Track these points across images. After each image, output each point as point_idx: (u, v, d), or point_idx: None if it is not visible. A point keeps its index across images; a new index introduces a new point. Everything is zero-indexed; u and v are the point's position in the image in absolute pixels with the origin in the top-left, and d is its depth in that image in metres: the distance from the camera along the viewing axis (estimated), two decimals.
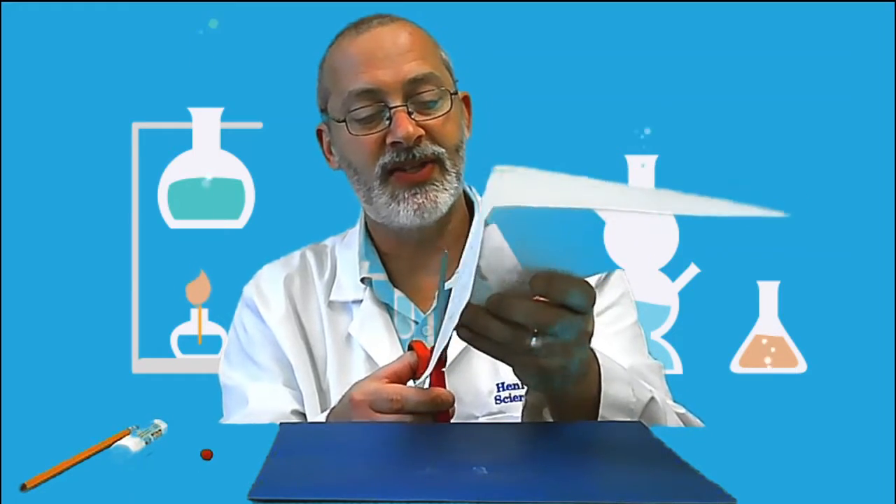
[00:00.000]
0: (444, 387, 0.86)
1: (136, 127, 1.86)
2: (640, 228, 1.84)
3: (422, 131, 1.05)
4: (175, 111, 1.86)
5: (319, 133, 1.16)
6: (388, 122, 1.05)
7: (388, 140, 1.05)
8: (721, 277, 1.84)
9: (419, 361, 0.85)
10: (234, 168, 1.88)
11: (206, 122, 1.87)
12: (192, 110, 1.86)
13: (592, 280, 1.10)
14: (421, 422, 0.84)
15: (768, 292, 1.84)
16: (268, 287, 1.16)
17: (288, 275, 1.17)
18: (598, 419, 0.88)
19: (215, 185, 1.88)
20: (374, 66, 1.06)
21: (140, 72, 1.85)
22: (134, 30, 1.85)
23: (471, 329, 0.78)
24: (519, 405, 1.05)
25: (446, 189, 1.07)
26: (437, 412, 0.85)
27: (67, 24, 1.85)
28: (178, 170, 1.88)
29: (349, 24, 1.12)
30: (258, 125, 1.85)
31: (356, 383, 0.89)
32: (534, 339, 0.77)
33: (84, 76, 1.85)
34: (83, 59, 1.85)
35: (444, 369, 0.87)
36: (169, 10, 1.85)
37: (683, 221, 1.85)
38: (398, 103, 1.05)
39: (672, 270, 1.86)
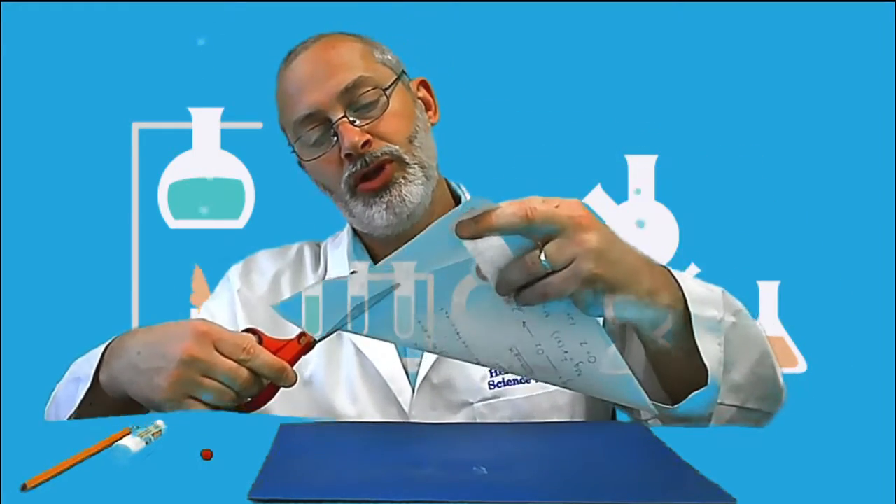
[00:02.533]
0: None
1: (136, 127, 1.86)
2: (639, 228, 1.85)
3: (368, 136, 1.08)
4: (175, 111, 1.86)
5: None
6: (336, 138, 1.08)
7: (342, 155, 1.08)
8: (721, 277, 1.83)
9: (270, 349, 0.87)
10: (234, 168, 1.88)
11: (206, 122, 1.86)
12: (192, 110, 1.86)
13: None
14: (237, 400, 0.86)
15: (768, 292, 1.84)
16: (256, 277, 1.20)
17: (279, 269, 1.20)
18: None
19: (215, 185, 1.88)
20: (307, 91, 1.10)
21: (140, 72, 1.85)
22: (134, 30, 1.85)
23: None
24: (513, 388, 1.07)
25: (410, 181, 1.09)
26: (260, 391, 0.87)
27: (67, 24, 1.84)
28: (178, 170, 1.88)
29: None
30: (258, 125, 1.85)
31: (204, 320, 0.91)
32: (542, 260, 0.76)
33: (84, 76, 1.84)
34: (83, 59, 1.84)
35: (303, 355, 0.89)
36: (169, 11, 1.85)
37: (683, 221, 1.86)
38: (339, 116, 1.08)
39: None
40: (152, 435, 0.76)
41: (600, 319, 0.83)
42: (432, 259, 0.77)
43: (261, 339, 0.88)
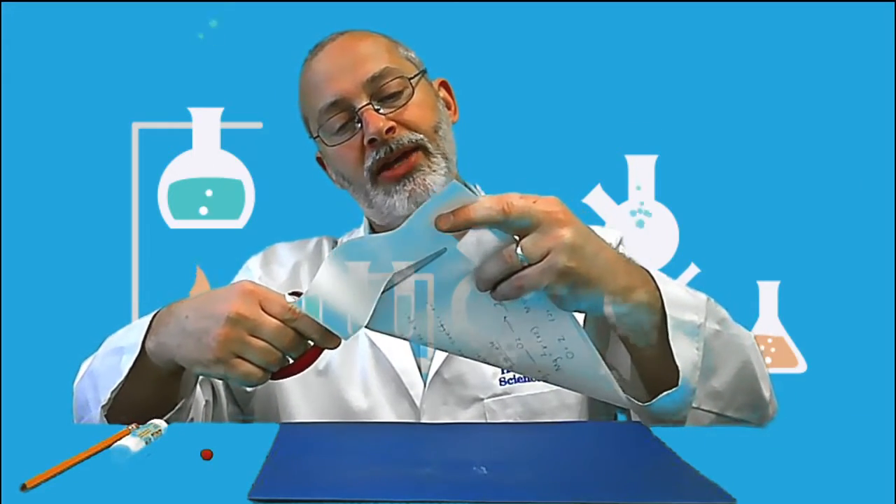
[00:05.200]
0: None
1: (136, 127, 1.86)
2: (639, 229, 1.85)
3: (392, 123, 1.08)
4: (175, 111, 1.86)
5: (320, 160, 1.21)
6: (360, 126, 1.09)
7: (365, 141, 1.08)
8: (721, 277, 1.84)
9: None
10: (234, 168, 1.88)
11: (206, 122, 1.86)
12: (192, 110, 1.86)
13: None
14: (281, 361, 0.84)
15: (768, 292, 1.84)
16: (276, 267, 1.21)
17: (298, 261, 1.21)
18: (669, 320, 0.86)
19: (215, 185, 1.88)
20: (334, 79, 1.10)
21: (140, 72, 1.85)
22: (134, 30, 1.85)
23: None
24: (523, 385, 1.08)
25: (434, 171, 1.09)
26: (305, 351, 0.85)
27: (67, 24, 1.84)
28: (178, 170, 1.88)
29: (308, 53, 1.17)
30: (258, 125, 1.85)
31: (251, 281, 0.89)
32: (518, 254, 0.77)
33: (84, 76, 1.85)
34: (83, 59, 1.84)
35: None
36: (169, 10, 1.85)
37: (683, 221, 1.86)
38: (364, 103, 1.08)
39: (672, 270, 1.86)
40: (152, 435, 0.76)
41: (580, 317, 0.83)
42: (416, 246, 0.78)
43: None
